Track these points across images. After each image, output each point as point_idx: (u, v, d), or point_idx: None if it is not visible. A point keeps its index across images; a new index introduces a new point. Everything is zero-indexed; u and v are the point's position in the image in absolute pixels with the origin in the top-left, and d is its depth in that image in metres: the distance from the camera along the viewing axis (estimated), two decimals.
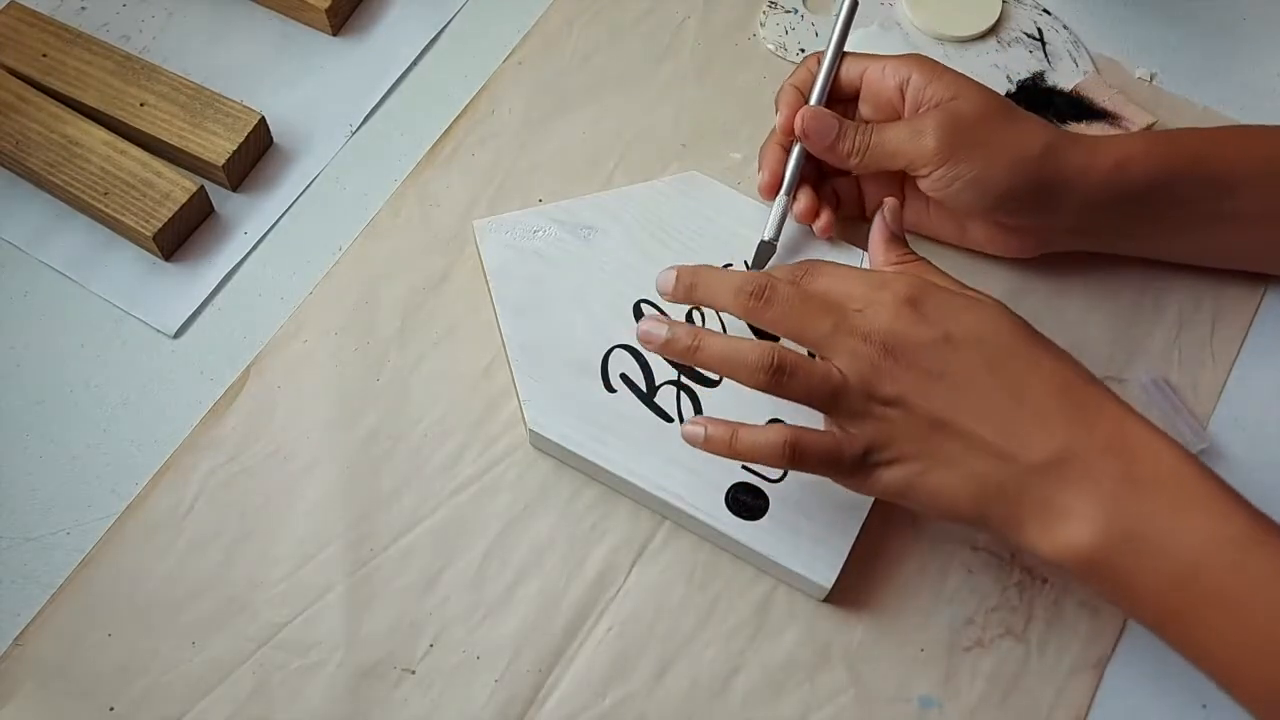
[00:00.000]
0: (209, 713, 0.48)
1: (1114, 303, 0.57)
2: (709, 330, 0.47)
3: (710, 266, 0.49)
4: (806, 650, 0.50)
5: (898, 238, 0.50)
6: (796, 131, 0.54)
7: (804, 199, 0.55)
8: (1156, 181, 0.53)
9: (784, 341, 0.47)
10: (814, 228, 0.56)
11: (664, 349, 0.48)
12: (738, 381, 0.46)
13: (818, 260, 0.49)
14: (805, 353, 0.46)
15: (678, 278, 0.49)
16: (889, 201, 0.51)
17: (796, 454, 0.45)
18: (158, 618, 0.50)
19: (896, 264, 0.49)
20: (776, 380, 0.45)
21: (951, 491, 0.45)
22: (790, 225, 0.56)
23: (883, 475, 0.46)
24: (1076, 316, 0.57)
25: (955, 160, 0.51)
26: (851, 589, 0.50)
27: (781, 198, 0.55)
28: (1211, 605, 0.41)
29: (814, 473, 0.46)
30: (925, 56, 0.54)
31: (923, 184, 0.53)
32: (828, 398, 0.45)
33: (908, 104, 0.53)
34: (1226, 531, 0.41)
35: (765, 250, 0.55)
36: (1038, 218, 0.54)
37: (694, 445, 0.47)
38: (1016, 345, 0.45)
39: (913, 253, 0.50)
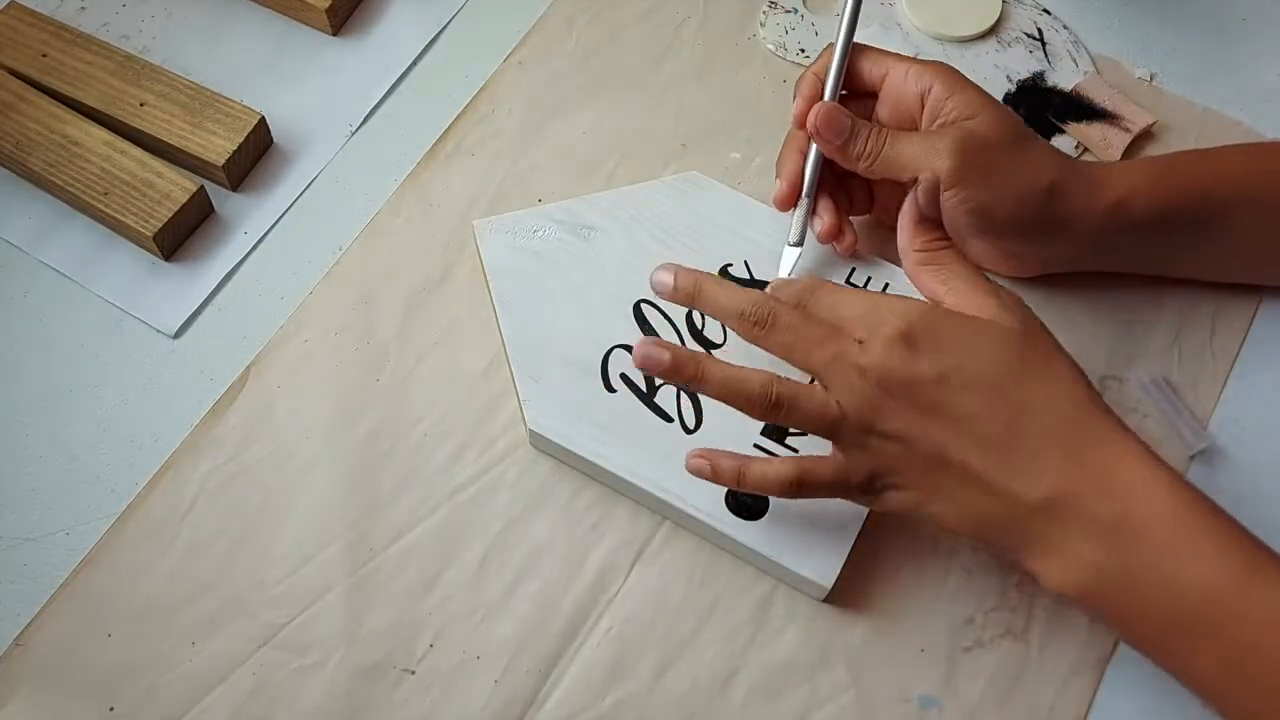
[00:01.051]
0: (209, 713, 0.48)
1: (1114, 302, 0.57)
2: (709, 357, 0.47)
3: (712, 278, 0.48)
4: (806, 650, 0.50)
5: (929, 219, 0.50)
6: (809, 128, 0.53)
7: (827, 217, 0.55)
8: (1158, 214, 0.53)
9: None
10: (837, 248, 0.55)
11: (666, 375, 0.47)
12: (737, 409, 0.47)
13: (821, 281, 0.48)
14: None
15: (676, 281, 0.48)
16: (925, 179, 0.50)
17: (805, 487, 0.47)
18: (157, 618, 0.50)
19: (924, 249, 0.49)
20: (775, 413, 0.46)
21: (952, 520, 0.46)
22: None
23: (889, 497, 0.46)
24: (1076, 316, 0.57)
25: (964, 185, 0.51)
26: (851, 589, 0.50)
27: (804, 200, 0.55)
28: (1208, 644, 0.42)
29: (825, 496, 0.47)
30: (950, 67, 0.53)
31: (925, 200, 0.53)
32: (828, 429, 0.46)
33: (926, 113, 0.52)
34: (1221, 570, 0.41)
35: (792, 254, 0.55)
36: (1038, 247, 0.55)
37: (701, 477, 0.48)
38: (1015, 375, 0.44)
39: (943, 237, 0.49)
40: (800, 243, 0.55)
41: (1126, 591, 0.43)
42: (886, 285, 0.55)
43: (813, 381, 0.47)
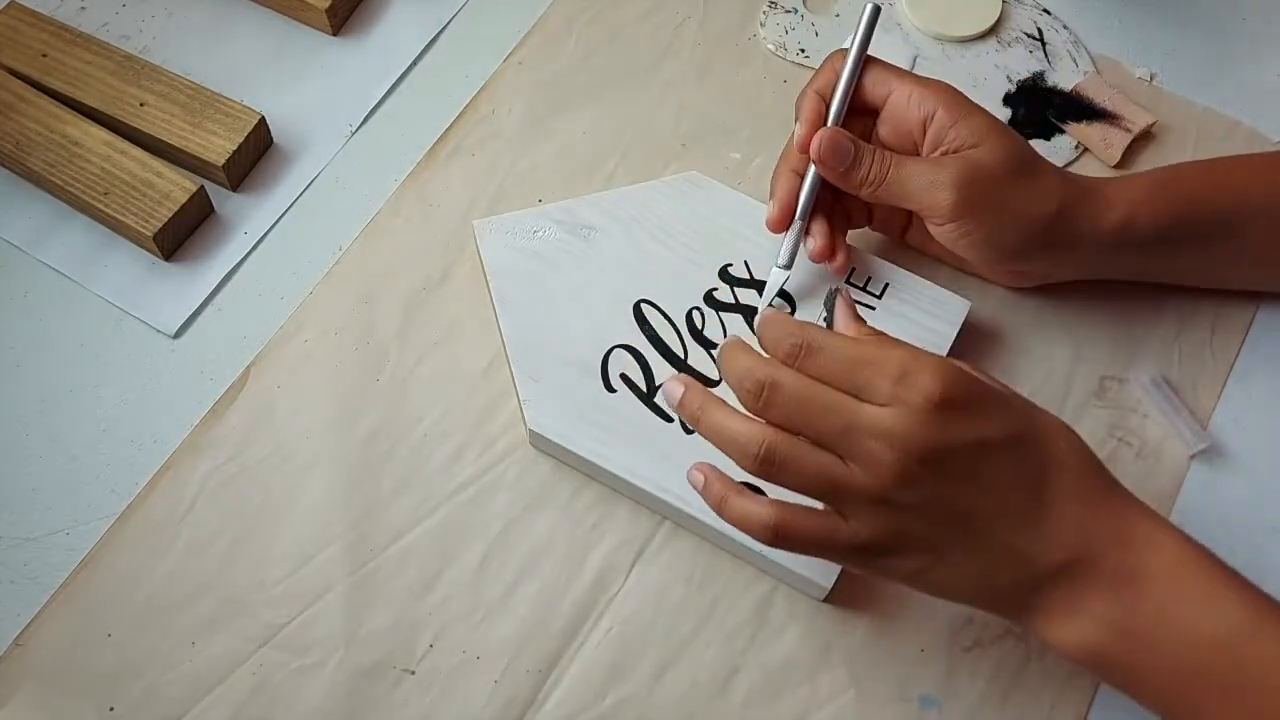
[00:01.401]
0: (209, 713, 0.48)
1: (1114, 302, 0.57)
2: (714, 399, 0.45)
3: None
4: (806, 650, 0.50)
5: (858, 315, 0.48)
6: (812, 155, 0.52)
7: (819, 238, 0.54)
8: (1162, 231, 0.53)
9: None
10: (830, 267, 0.55)
11: (677, 409, 0.46)
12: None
13: (820, 332, 0.44)
14: None
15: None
16: (843, 293, 0.49)
17: (782, 538, 0.44)
18: (157, 618, 0.50)
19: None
20: (765, 470, 0.43)
21: (959, 586, 0.44)
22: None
23: (883, 564, 0.44)
24: (1076, 317, 0.57)
25: (968, 219, 0.51)
26: (851, 589, 0.50)
27: (796, 223, 0.54)
28: (1216, 698, 0.41)
29: (806, 554, 0.44)
30: (953, 90, 0.52)
31: (931, 228, 0.53)
32: (827, 493, 0.43)
33: (928, 140, 0.52)
34: (1231, 616, 0.41)
35: (780, 276, 0.54)
36: (1042, 266, 0.55)
37: (695, 489, 0.46)
38: (1040, 442, 0.43)
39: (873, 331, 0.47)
40: (789, 265, 0.54)
41: (1138, 645, 0.42)
42: (887, 285, 0.55)
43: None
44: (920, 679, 0.49)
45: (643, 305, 0.55)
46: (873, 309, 0.55)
